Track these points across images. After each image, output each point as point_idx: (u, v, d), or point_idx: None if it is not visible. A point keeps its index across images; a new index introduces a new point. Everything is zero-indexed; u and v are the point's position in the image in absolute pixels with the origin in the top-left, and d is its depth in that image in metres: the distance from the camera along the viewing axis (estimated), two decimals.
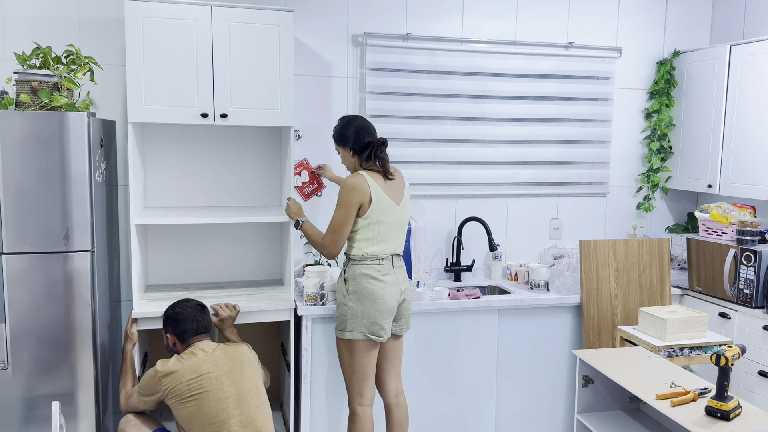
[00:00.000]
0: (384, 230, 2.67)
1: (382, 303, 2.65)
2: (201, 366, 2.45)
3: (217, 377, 2.44)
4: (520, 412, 3.34)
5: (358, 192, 2.61)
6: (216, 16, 2.84)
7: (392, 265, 2.71)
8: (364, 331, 2.64)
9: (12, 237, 2.55)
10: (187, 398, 2.42)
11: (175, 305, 2.65)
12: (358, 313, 2.64)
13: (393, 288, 2.69)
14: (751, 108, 3.37)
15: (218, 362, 2.48)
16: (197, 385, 2.42)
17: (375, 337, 2.65)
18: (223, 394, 2.43)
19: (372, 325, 2.64)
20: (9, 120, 2.50)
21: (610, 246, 3.37)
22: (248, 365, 2.55)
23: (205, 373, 2.44)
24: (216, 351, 2.52)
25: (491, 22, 3.66)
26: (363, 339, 2.65)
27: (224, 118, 2.89)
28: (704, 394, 2.29)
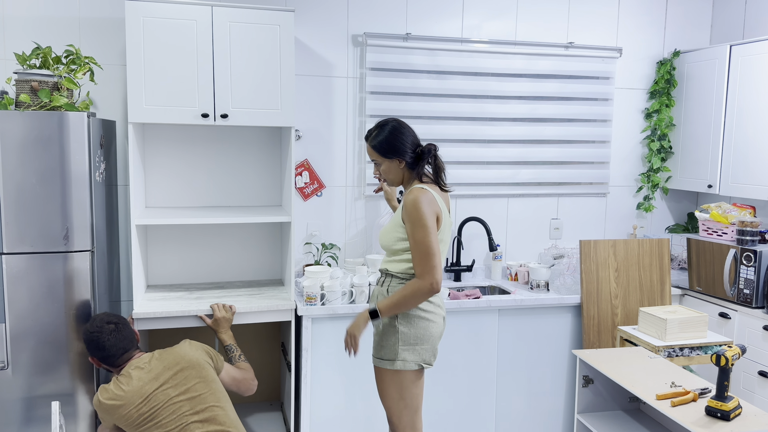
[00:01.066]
0: (444, 249, 2.38)
1: (435, 326, 2.38)
2: (143, 387, 2.38)
3: (163, 391, 2.38)
4: (519, 412, 3.34)
5: (432, 204, 2.28)
6: (216, 16, 2.84)
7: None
8: (417, 359, 2.35)
9: (12, 237, 2.55)
10: (141, 422, 2.37)
11: (89, 328, 2.49)
12: (411, 339, 2.33)
13: (441, 311, 2.43)
14: (751, 108, 3.37)
15: (158, 375, 2.41)
16: (147, 408, 2.36)
17: (427, 365, 2.39)
18: (175, 406, 2.38)
19: (426, 353, 2.36)
20: (9, 120, 2.50)
21: (610, 246, 3.37)
22: (190, 366, 2.45)
23: (150, 392, 2.37)
24: (152, 363, 2.44)
25: (491, 22, 3.66)
26: (417, 369, 2.37)
27: (225, 118, 2.89)
28: (704, 394, 2.29)
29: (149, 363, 2.45)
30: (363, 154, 3.55)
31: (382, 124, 2.40)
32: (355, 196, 3.56)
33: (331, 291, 3.00)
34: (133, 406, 2.36)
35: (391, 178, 2.42)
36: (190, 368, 2.46)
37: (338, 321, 3.02)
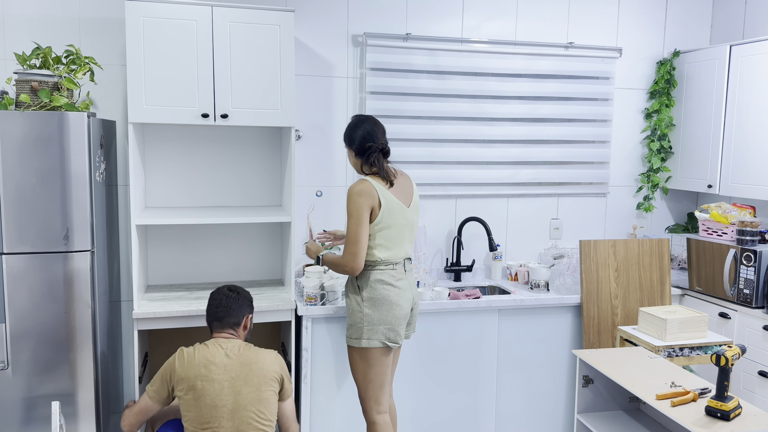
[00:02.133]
0: (396, 234, 2.61)
1: (399, 309, 2.61)
2: (210, 365, 2.36)
3: (219, 382, 2.35)
4: (520, 411, 3.34)
5: (365, 196, 2.54)
6: (216, 16, 2.84)
7: (404, 270, 2.67)
8: (381, 338, 2.59)
9: (12, 237, 2.55)
10: (187, 389, 2.35)
11: (218, 289, 2.58)
12: (375, 320, 2.58)
13: (407, 293, 2.65)
14: (751, 108, 3.37)
15: (227, 367, 2.37)
16: (200, 384, 2.35)
17: (392, 343, 2.61)
18: (220, 402, 2.34)
19: (389, 331, 2.60)
20: (9, 120, 2.50)
21: (610, 246, 3.37)
22: (258, 374, 2.39)
23: (208, 375, 2.35)
24: (232, 354, 2.40)
25: (491, 22, 3.66)
26: (380, 347, 2.59)
27: (225, 118, 2.89)
28: (704, 394, 2.29)
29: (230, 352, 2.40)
30: None
31: (354, 117, 2.75)
32: None
33: (332, 291, 3.00)
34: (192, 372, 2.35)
35: (352, 165, 2.74)
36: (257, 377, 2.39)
37: (338, 321, 3.02)
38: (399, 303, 2.61)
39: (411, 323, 2.77)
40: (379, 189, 2.58)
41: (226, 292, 2.55)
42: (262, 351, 2.48)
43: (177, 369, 2.39)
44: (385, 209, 2.57)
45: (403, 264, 2.66)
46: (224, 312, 2.50)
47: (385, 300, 2.59)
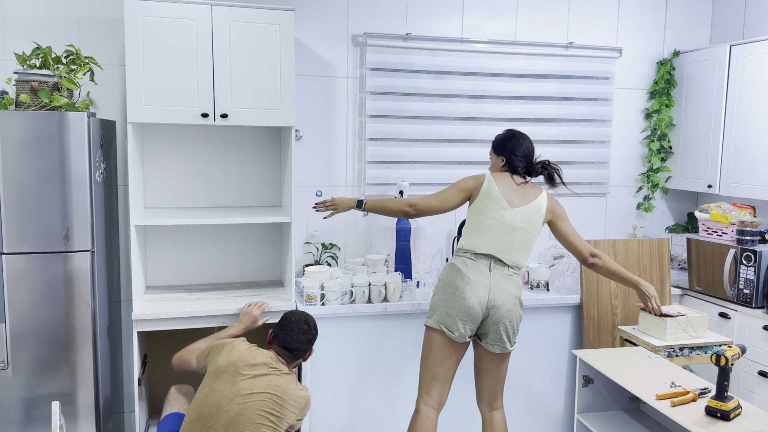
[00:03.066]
0: (486, 224, 2.60)
1: (460, 299, 2.53)
2: (246, 368, 2.34)
3: (238, 388, 2.30)
4: (520, 411, 3.34)
5: (471, 179, 2.69)
6: (216, 15, 2.84)
7: (489, 268, 2.57)
8: (438, 319, 2.57)
9: (12, 237, 2.55)
10: (213, 372, 2.36)
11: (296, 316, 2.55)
12: (437, 302, 2.60)
13: (479, 289, 2.53)
14: (751, 108, 3.37)
15: (254, 381, 2.32)
16: (224, 377, 2.32)
17: (447, 331, 2.55)
18: (224, 406, 2.27)
19: (446, 317, 2.55)
20: (9, 120, 2.50)
21: (610, 246, 3.37)
22: (273, 402, 2.31)
23: (235, 373, 2.32)
24: (266, 371, 2.36)
25: (491, 23, 3.66)
26: (437, 329, 2.57)
27: (225, 118, 2.89)
28: (704, 394, 2.29)
29: (265, 369, 2.37)
30: (363, 154, 3.55)
31: (508, 131, 2.85)
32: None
33: (331, 291, 3.00)
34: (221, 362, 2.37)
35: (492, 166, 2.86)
36: (268, 402, 2.32)
37: (338, 321, 3.02)
38: (463, 294, 2.53)
39: (486, 333, 2.59)
40: (490, 179, 2.67)
41: (305, 326, 2.53)
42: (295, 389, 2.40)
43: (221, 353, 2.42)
44: (482, 194, 2.63)
45: (490, 261, 2.58)
46: (297, 345, 2.50)
47: (450, 284, 2.58)
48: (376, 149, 3.53)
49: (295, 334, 2.50)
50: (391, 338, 3.11)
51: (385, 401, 3.12)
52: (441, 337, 2.58)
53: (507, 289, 2.58)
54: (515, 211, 2.62)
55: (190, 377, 3.11)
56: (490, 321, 2.56)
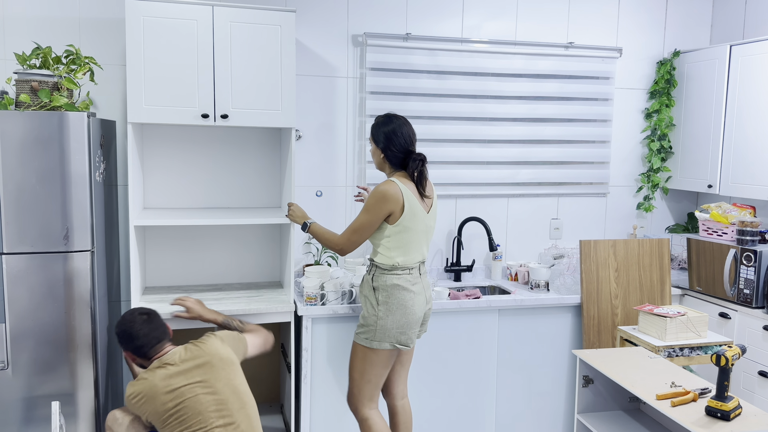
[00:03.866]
0: (414, 238, 2.62)
1: (413, 314, 2.62)
2: (171, 380, 2.28)
3: (190, 389, 2.28)
4: (520, 412, 3.34)
5: (390, 201, 2.54)
6: (217, 16, 2.84)
7: (419, 273, 2.68)
8: (392, 341, 2.61)
9: (12, 237, 2.55)
10: (167, 418, 2.27)
11: (120, 322, 2.44)
12: (388, 324, 2.59)
13: (421, 297, 2.66)
14: (751, 108, 3.37)
15: (188, 373, 2.30)
16: (173, 403, 2.26)
17: (402, 346, 2.64)
18: (201, 407, 2.26)
19: (401, 335, 2.61)
20: (9, 120, 2.50)
21: (610, 246, 3.37)
22: (220, 366, 2.34)
23: (177, 387, 2.27)
24: (184, 360, 2.33)
25: (491, 22, 3.66)
26: (390, 349, 2.62)
27: (225, 118, 2.89)
28: (704, 394, 2.29)
29: (180, 361, 2.34)
30: (363, 154, 3.55)
31: (384, 116, 2.68)
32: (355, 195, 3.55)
33: (331, 291, 3.00)
34: (158, 401, 2.26)
35: (374, 160, 2.72)
36: (221, 369, 2.34)
37: (338, 321, 3.02)
38: (413, 308, 2.61)
39: (423, 323, 2.78)
40: (406, 192, 2.57)
41: (139, 317, 2.43)
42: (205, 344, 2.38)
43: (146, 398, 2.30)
44: (407, 213, 2.57)
45: (418, 268, 2.67)
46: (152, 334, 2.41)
47: (401, 305, 2.59)
48: None
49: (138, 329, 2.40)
50: None
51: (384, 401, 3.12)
52: (389, 353, 2.64)
53: (429, 283, 2.75)
54: (430, 214, 2.68)
55: None
56: (425, 317, 2.75)
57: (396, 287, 2.59)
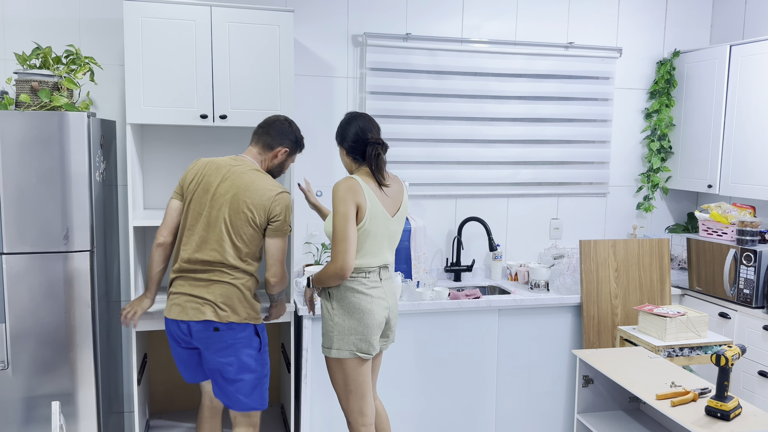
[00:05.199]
0: (373, 243, 2.46)
1: (370, 317, 2.45)
2: (212, 173, 2.50)
3: (210, 192, 2.48)
4: (520, 412, 3.34)
5: (351, 192, 2.37)
6: (215, 16, 2.84)
7: (379, 278, 2.50)
8: (352, 348, 2.44)
9: (12, 237, 2.55)
10: (188, 190, 2.52)
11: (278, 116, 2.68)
12: (345, 330, 2.44)
13: (380, 301, 2.48)
14: (751, 108, 3.37)
15: (223, 183, 2.48)
16: (194, 187, 2.50)
17: (363, 354, 2.46)
18: (201, 209, 2.47)
19: (360, 342, 2.44)
20: (9, 120, 2.50)
21: (610, 246, 3.37)
22: (242, 202, 2.46)
23: (204, 180, 2.49)
24: (234, 171, 2.50)
25: (491, 22, 3.66)
26: (351, 357, 2.46)
27: (224, 119, 2.89)
28: (704, 394, 2.29)
29: (236, 169, 2.51)
30: None
31: (347, 114, 2.58)
32: None
33: None
34: (192, 173, 2.55)
35: (344, 165, 2.59)
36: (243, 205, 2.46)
37: None
38: (371, 311, 2.45)
39: (388, 334, 2.60)
40: (366, 191, 2.42)
41: (282, 118, 2.65)
42: (264, 183, 2.51)
43: (186, 172, 2.56)
44: (368, 216, 2.41)
45: (378, 272, 2.50)
46: (264, 128, 2.62)
47: (356, 308, 2.43)
48: None
49: (267, 120, 2.64)
50: None
51: (384, 400, 3.12)
52: (356, 361, 2.48)
53: (394, 289, 2.60)
54: (395, 218, 2.52)
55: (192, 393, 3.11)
56: (388, 324, 2.57)
57: (350, 290, 2.43)
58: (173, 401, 3.44)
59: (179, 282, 2.52)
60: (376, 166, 2.46)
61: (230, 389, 2.52)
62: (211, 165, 2.55)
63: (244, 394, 2.53)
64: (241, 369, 2.50)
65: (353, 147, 2.50)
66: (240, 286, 2.48)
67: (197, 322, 2.45)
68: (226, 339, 2.46)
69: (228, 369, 2.49)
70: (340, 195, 2.38)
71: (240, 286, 2.48)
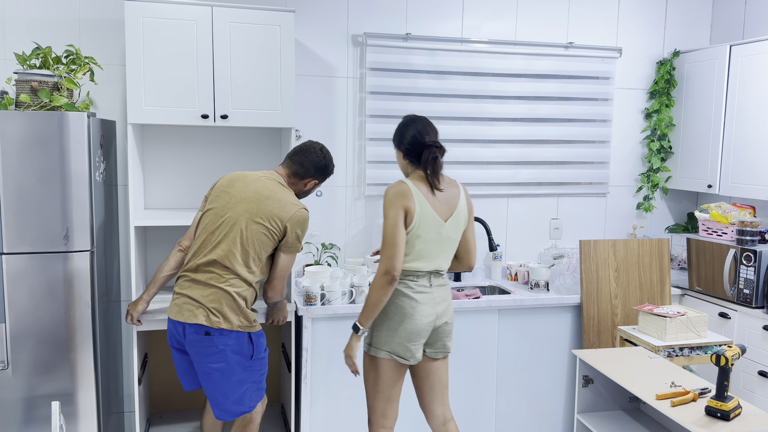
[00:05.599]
0: (423, 247, 2.39)
1: (411, 323, 2.38)
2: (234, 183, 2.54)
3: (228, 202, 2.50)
4: (520, 412, 3.34)
5: (399, 196, 2.34)
6: (217, 16, 2.84)
7: (429, 283, 2.43)
8: (389, 350, 2.40)
9: (12, 237, 2.55)
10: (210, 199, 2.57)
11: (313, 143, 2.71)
12: (385, 330, 2.40)
13: (426, 308, 2.41)
14: (751, 108, 3.37)
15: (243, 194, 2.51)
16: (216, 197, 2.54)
17: (400, 359, 2.40)
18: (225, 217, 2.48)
19: (398, 346, 2.39)
20: (9, 120, 2.50)
21: (610, 246, 3.37)
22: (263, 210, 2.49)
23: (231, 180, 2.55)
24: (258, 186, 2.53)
25: (491, 22, 3.66)
26: (387, 359, 2.41)
27: (225, 119, 2.89)
28: (704, 394, 2.29)
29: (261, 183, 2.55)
30: (363, 155, 3.55)
31: (405, 117, 2.55)
32: (355, 196, 3.56)
33: (331, 291, 3.00)
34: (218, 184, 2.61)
35: (400, 168, 2.55)
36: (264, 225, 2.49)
37: (338, 321, 3.02)
38: (413, 317, 2.38)
39: (436, 342, 2.50)
40: (416, 195, 2.37)
41: (317, 147, 2.67)
42: (287, 196, 2.56)
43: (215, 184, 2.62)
44: (417, 219, 2.36)
45: (428, 277, 2.43)
46: (299, 156, 2.66)
47: (398, 311, 2.39)
48: (376, 149, 3.53)
49: (304, 146, 2.66)
50: None
51: None
52: (393, 365, 2.43)
53: (446, 295, 2.50)
54: (447, 224, 2.43)
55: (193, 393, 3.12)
56: (438, 331, 2.49)
57: (396, 292, 2.39)
58: (174, 401, 3.44)
59: (182, 282, 2.53)
60: (432, 170, 2.40)
61: (217, 396, 2.50)
62: (239, 174, 2.61)
63: (232, 401, 2.51)
64: (229, 375, 2.48)
65: (410, 150, 2.45)
66: (234, 294, 2.46)
67: (190, 324, 2.44)
68: (216, 344, 2.45)
69: (215, 374, 2.47)
70: (389, 199, 2.37)
71: (234, 294, 2.46)
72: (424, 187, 2.40)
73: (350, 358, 2.45)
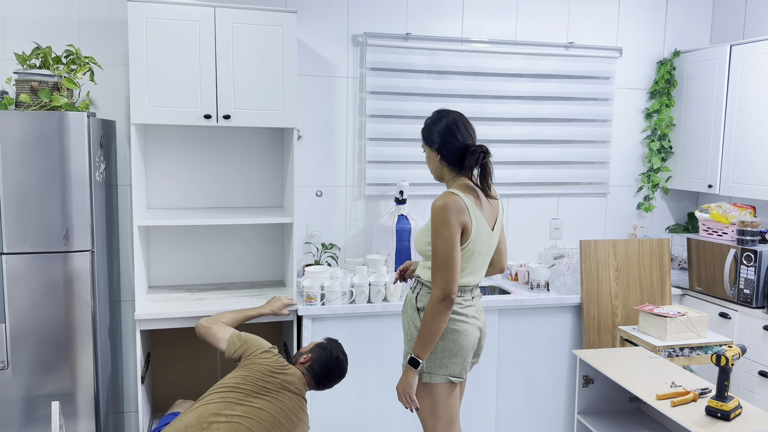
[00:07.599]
0: (475, 262, 2.25)
1: (465, 339, 2.26)
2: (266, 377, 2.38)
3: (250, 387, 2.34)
4: (520, 412, 3.34)
5: (455, 212, 2.13)
6: (219, 17, 2.84)
7: (471, 296, 2.31)
8: (445, 373, 2.25)
9: (12, 237, 2.55)
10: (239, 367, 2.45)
11: (341, 364, 2.58)
12: (438, 353, 2.24)
13: (474, 321, 2.30)
14: (751, 108, 3.37)
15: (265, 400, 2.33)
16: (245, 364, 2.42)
17: (456, 378, 2.28)
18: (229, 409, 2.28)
19: (454, 366, 2.25)
20: (9, 120, 2.50)
21: (610, 246, 3.37)
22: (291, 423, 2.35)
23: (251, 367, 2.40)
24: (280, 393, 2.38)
25: (491, 22, 3.66)
26: (444, 382, 2.26)
27: (227, 119, 2.89)
28: (704, 394, 2.29)
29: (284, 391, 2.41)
30: (363, 155, 3.55)
31: (436, 112, 2.37)
32: (355, 196, 3.56)
33: (331, 291, 3.00)
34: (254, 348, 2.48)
35: (430, 168, 2.36)
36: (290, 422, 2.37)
37: (338, 321, 3.02)
38: (466, 332, 2.26)
39: (479, 354, 2.42)
40: (471, 208, 2.19)
41: (343, 375, 2.60)
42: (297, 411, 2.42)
43: (255, 350, 2.47)
44: (473, 235, 2.19)
45: (472, 290, 2.31)
46: (329, 386, 2.60)
47: (450, 330, 2.23)
48: (376, 149, 3.53)
49: (333, 380, 2.58)
50: (392, 338, 3.11)
51: (385, 401, 3.12)
52: (451, 386, 2.30)
53: (482, 305, 2.42)
54: (494, 232, 2.32)
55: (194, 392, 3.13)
56: (479, 343, 2.41)
57: None
58: (176, 401, 3.43)
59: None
60: (483, 177, 2.24)
61: None
62: None
63: None
64: None
65: (450, 152, 2.25)
66: None
67: None
68: None
69: None
70: (444, 216, 2.13)
71: None
72: (471, 196, 2.23)
73: (408, 395, 2.25)
